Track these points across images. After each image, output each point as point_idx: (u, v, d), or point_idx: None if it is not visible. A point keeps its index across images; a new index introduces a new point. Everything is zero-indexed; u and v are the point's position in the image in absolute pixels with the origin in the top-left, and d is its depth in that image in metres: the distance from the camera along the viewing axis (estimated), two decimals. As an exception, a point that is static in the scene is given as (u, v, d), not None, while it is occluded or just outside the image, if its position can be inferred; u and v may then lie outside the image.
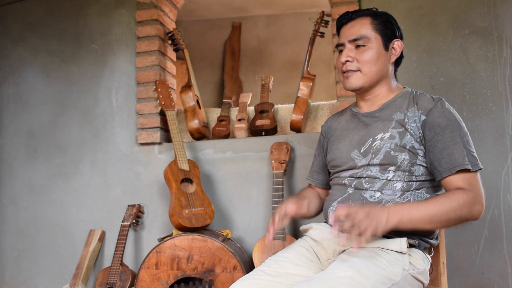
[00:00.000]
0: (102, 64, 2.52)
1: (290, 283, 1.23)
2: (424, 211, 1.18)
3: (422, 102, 1.32)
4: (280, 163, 2.07)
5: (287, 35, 4.44)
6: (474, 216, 1.20)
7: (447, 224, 1.21)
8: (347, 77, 1.38)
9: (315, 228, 1.41)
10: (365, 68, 1.36)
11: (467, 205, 1.19)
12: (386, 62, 1.37)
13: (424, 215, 1.17)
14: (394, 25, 1.40)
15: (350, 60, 1.37)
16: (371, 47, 1.35)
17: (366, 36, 1.35)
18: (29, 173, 2.57)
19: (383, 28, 1.37)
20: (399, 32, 1.41)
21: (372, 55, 1.35)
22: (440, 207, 1.18)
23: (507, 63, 2.04)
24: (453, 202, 1.18)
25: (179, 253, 1.92)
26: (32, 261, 2.51)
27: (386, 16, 1.39)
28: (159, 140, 2.38)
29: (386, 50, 1.37)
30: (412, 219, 1.17)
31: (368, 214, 1.11)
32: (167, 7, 2.56)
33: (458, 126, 1.28)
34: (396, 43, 1.39)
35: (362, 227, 1.09)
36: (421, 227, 1.19)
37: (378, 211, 1.14)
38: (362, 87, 1.38)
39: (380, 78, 1.38)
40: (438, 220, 1.18)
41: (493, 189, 1.99)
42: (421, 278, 1.25)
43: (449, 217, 1.18)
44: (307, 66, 2.31)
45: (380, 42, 1.36)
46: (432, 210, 1.18)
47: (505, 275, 1.96)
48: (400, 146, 1.29)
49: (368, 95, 1.42)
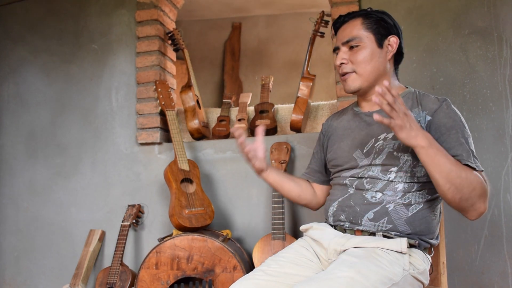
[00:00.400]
0: (102, 64, 2.52)
1: (290, 283, 1.23)
2: (449, 159, 1.16)
3: (427, 103, 1.32)
4: (280, 163, 2.07)
5: (287, 35, 4.44)
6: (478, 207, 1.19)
7: (455, 192, 1.16)
8: (345, 80, 1.40)
9: (315, 228, 1.40)
10: (359, 69, 1.36)
11: (482, 190, 1.18)
12: (381, 60, 1.37)
13: (447, 162, 1.15)
14: (389, 22, 1.39)
15: (345, 62, 1.38)
16: (364, 46, 1.36)
17: (358, 36, 1.36)
18: (29, 173, 2.57)
19: (376, 26, 1.37)
20: (395, 29, 1.40)
21: (365, 55, 1.35)
22: (461, 171, 1.16)
23: (507, 63, 2.04)
24: (472, 175, 1.18)
25: (179, 253, 1.92)
26: (32, 261, 2.51)
27: (380, 14, 1.39)
28: (159, 140, 2.38)
29: (381, 48, 1.37)
30: (437, 155, 1.15)
31: (408, 114, 1.13)
32: (167, 7, 2.56)
33: (463, 127, 1.28)
34: (392, 39, 1.38)
35: (398, 114, 1.11)
36: (436, 171, 1.15)
37: (415, 124, 1.15)
38: (360, 88, 1.38)
39: (378, 77, 1.38)
40: (452, 179, 1.15)
41: (493, 189, 1.99)
42: (421, 278, 1.25)
43: (463, 184, 1.15)
44: (307, 66, 2.31)
45: (373, 40, 1.36)
46: (456, 165, 1.16)
47: (505, 275, 1.96)
48: (403, 146, 1.29)
49: (368, 95, 1.42)
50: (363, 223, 1.30)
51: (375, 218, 1.28)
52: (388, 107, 1.11)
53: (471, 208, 1.19)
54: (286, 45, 4.45)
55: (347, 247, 1.27)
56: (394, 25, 1.40)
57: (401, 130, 1.13)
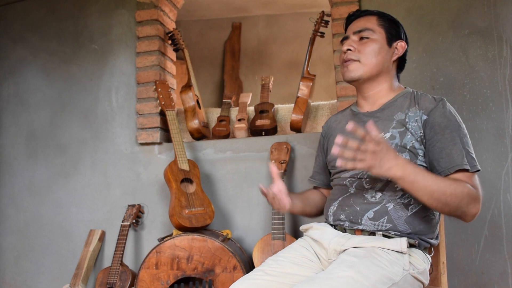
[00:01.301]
0: (102, 64, 2.52)
1: (290, 283, 1.23)
2: (429, 182, 1.16)
3: (424, 102, 1.33)
4: (280, 163, 2.07)
5: (287, 35, 4.44)
6: (470, 212, 1.20)
7: (443, 206, 1.17)
8: (347, 66, 1.39)
9: (315, 228, 1.41)
10: (365, 59, 1.37)
11: (470, 198, 1.18)
12: (387, 58, 1.39)
13: (427, 185, 1.15)
14: (400, 27, 1.43)
15: (352, 50, 1.39)
16: (374, 40, 1.37)
17: (371, 28, 1.38)
18: (29, 173, 2.57)
19: (389, 25, 1.40)
20: (405, 37, 1.44)
21: (374, 48, 1.37)
22: (445, 186, 1.16)
23: (507, 63, 2.04)
24: (458, 188, 1.17)
25: (179, 253, 1.92)
26: (32, 261, 2.51)
27: (394, 19, 1.44)
28: (159, 140, 2.38)
29: (389, 46, 1.39)
30: (415, 182, 1.15)
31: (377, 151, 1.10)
32: (167, 7, 2.56)
33: (458, 127, 1.28)
34: (400, 43, 1.41)
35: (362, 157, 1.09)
36: (419, 195, 1.17)
37: (388, 156, 1.12)
38: (361, 77, 1.38)
39: (380, 72, 1.39)
40: (437, 198, 1.16)
41: (493, 189, 1.99)
42: (421, 278, 1.25)
43: (448, 200, 1.16)
44: (307, 66, 2.31)
45: (384, 37, 1.39)
46: (437, 185, 1.16)
47: (505, 275, 1.96)
48: (400, 146, 1.29)
49: (368, 90, 1.42)
50: (363, 222, 1.30)
51: (375, 218, 1.29)
52: (351, 153, 1.10)
53: (462, 215, 1.20)
54: (286, 45, 4.45)
55: (347, 247, 1.27)
56: (404, 33, 1.44)
57: (372, 169, 1.12)
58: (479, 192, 1.22)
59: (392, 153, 1.14)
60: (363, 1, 2.20)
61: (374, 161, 1.11)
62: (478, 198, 1.20)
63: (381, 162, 1.11)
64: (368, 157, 1.10)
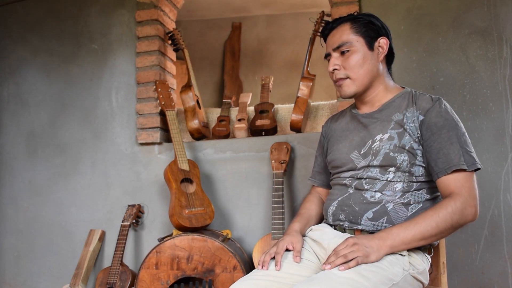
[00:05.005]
0: (102, 64, 2.52)
1: (290, 283, 1.23)
2: (414, 230, 1.19)
3: (421, 102, 1.33)
4: (280, 163, 2.07)
5: (287, 35, 4.44)
6: (467, 219, 1.21)
7: (442, 235, 1.21)
8: (340, 86, 1.40)
9: (315, 228, 1.41)
10: (352, 74, 1.37)
11: (457, 211, 1.19)
12: (374, 62, 1.38)
13: (415, 234, 1.19)
14: (377, 24, 1.39)
15: (337, 68, 1.39)
16: (354, 51, 1.36)
17: (348, 41, 1.37)
18: (29, 173, 2.57)
19: (365, 29, 1.37)
20: (384, 30, 1.40)
21: (357, 59, 1.36)
22: (429, 221, 1.19)
23: (507, 63, 2.04)
24: (441, 213, 1.19)
25: (179, 253, 1.92)
26: (32, 261, 2.51)
27: (367, 17, 1.40)
28: (159, 140, 2.38)
29: (371, 50, 1.37)
30: (404, 240, 1.19)
31: (354, 244, 1.16)
32: (167, 7, 2.56)
33: (454, 126, 1.27)
34: (382, 41, 1.38)
35: (349, 256, 1.14)
36: (416, 245, 1.21)
37: (366, 241, 1.18)
38: (356, 92, 1.39)
39: (372, 80, 1.38)
40: (430, 235, 1.19)
41: (493, 189, 1.99)
42: (421, 278, 1.25)
43: (441, 228, 1.19)
44: (307, 66, 2.31)
45: (363, 43, 1.37)
46: (422, 226, 1.19)
47: (505, 275, 1.96)
48: (399, 147, 1.29)
49: (365, 97, 1.43)
50: (363, 222, 1.30)
51: (374, 218, 1.29)
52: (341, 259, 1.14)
53: (462, 225, 1.22)
54: (286, 45, 4.45)
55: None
56: (382, 26, 1.41)
57: (366, 259, 1.15)
58: (471, 193, 1.22)
59: (364, 237, 1.20)
60: (363, 1, 2.19)
61: (359, 251, 1.15)
62: (468, 203, 1.21)
63: (367, 248, 1.16)
64: (353, 253, 1.15)
